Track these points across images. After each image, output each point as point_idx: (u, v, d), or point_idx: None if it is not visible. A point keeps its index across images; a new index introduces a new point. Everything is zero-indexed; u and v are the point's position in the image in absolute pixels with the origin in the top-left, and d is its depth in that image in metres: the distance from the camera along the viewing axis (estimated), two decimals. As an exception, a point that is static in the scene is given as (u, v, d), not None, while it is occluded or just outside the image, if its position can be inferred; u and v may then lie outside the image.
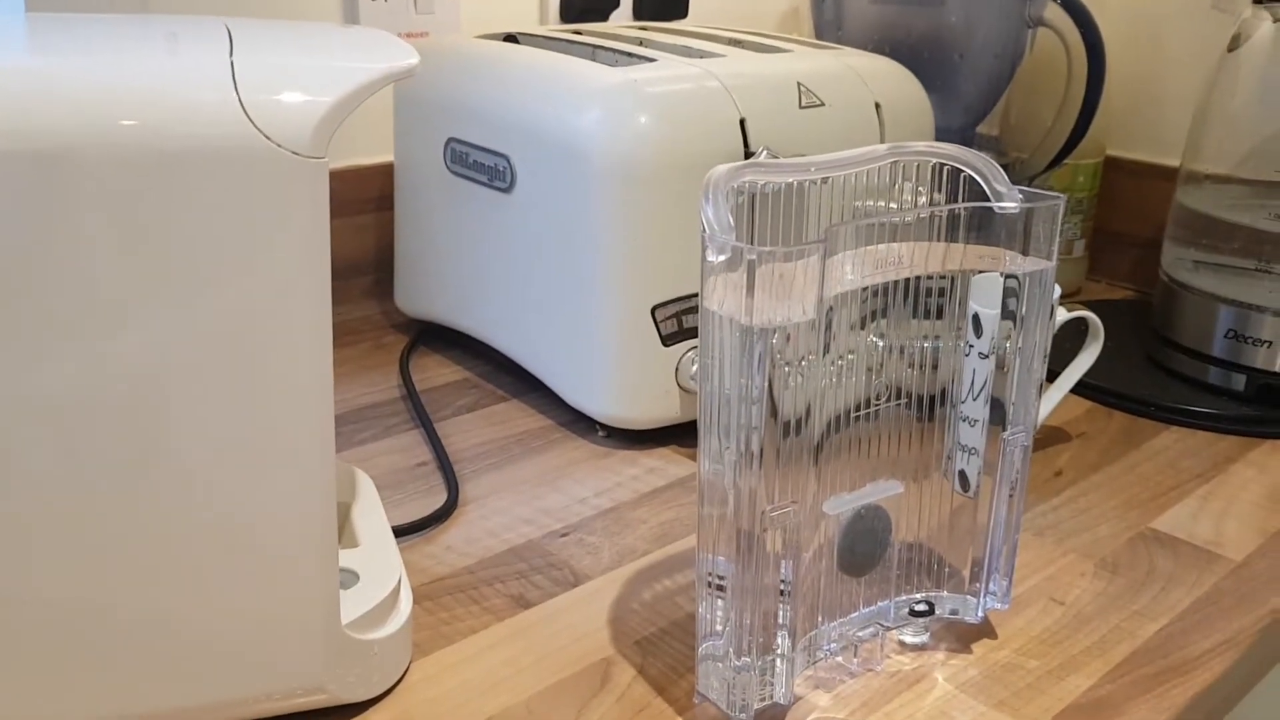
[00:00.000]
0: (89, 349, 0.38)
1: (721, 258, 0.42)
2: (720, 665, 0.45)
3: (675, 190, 0.66)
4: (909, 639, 0.52)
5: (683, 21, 1.03)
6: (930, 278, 0.49)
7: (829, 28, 0.97)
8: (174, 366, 0.39)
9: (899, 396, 0.49)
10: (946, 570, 0.52)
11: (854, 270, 0.46)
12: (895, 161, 0.50)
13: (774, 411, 0.43)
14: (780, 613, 0.45)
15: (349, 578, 0.48)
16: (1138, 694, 0.50)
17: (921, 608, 0.52)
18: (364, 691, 0.46)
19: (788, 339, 0.42)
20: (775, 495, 0.43)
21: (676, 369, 0.68)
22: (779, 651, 0.45)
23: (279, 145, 0.39)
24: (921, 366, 0.50)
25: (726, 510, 0.44)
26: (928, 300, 0.50)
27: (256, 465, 0.41)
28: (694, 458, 0.69)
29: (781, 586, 0.44)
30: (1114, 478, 0.69)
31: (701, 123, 0.67)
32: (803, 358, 0.43)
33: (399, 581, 0.49)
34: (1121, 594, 0.57)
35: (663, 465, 0.68)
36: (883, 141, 0.74)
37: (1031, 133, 0.94)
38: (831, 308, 0.45)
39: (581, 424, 0.72)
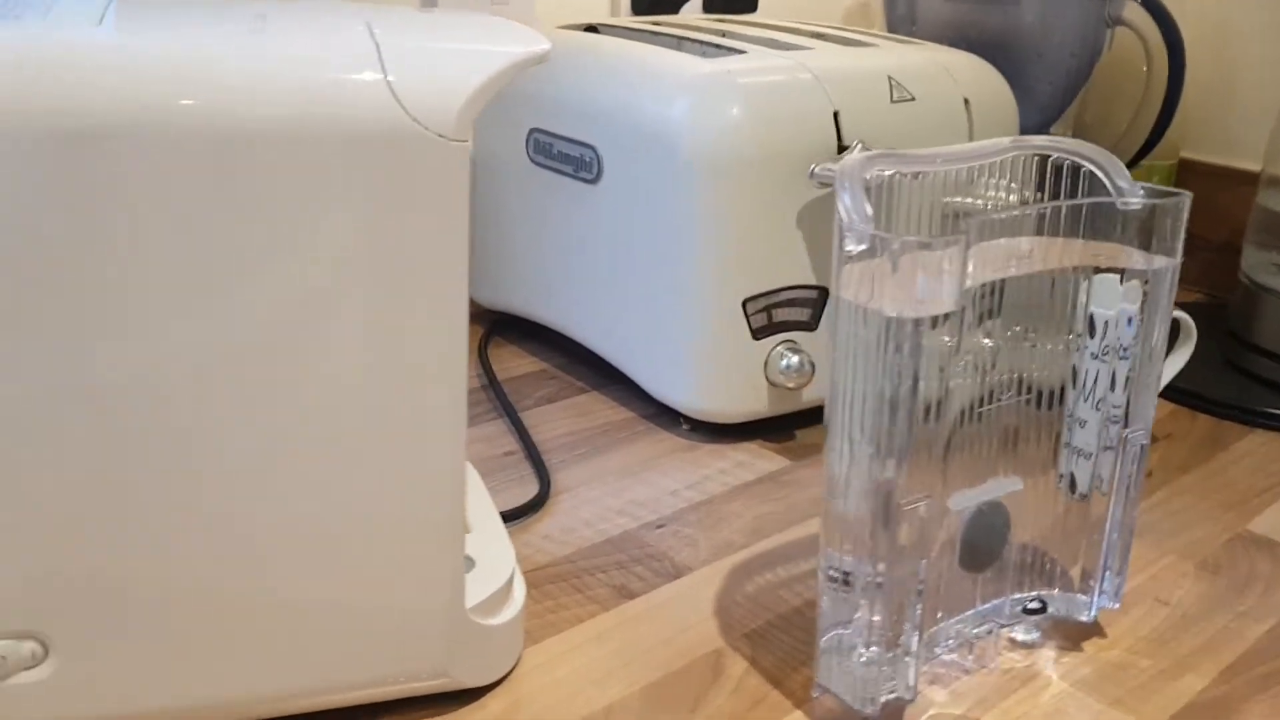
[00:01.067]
0: (221, 330, 0.38)
1: (860, 247, 0.41)
2: (846, 659, 0.45)
3: (768, 183, 0.66)
4: (1020, 636, 0.52)
5: (754, 15, 1.03)
6: (1051, 274, 0.49)
7: (902, 24, 0.96)
8: (311, 348, 0.39)
9: (1019, 393, 0.49)
10: (1059, 568, 0.52)
11: (978, 264, 0.46)
12: (1016, 155, 0.50)
13: (911, 405, 0.42)
14: (908, 607, 0.44)
15: (466, 563, 0.48)
16: (1253, 694, 0.49)
17: (1034, 605, 0.51)
18: (482, 677, 0.46)
19: (927, 331, 0.42)
20: (908, 490, 0.43)
21: (766, 363, 0.68)
22: (905, 646, 0.45)
23: (425, 127, 0.39)
24: (1040, 365, 0.50)
25: (858, 504, 0.43)
26: (1047, 297, 0.49)
27: (390, 449, 0.41)
28: (781, 453, 0.69)
29: (911, 582, 0.44)
30: (1204, 480, 0.68)
31: (795, 115, 0.67)
32: (940, 350, 0.43)
33: (514, 567, 0.49)
34: (1225, 595, 0.56)
35: (750, 460, 0.68)
36: (971, 137, 0.74)
37: (1106, 134, 0.93)
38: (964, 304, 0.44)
39: (664, 416, 0.72)
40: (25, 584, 0.38)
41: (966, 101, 0.74)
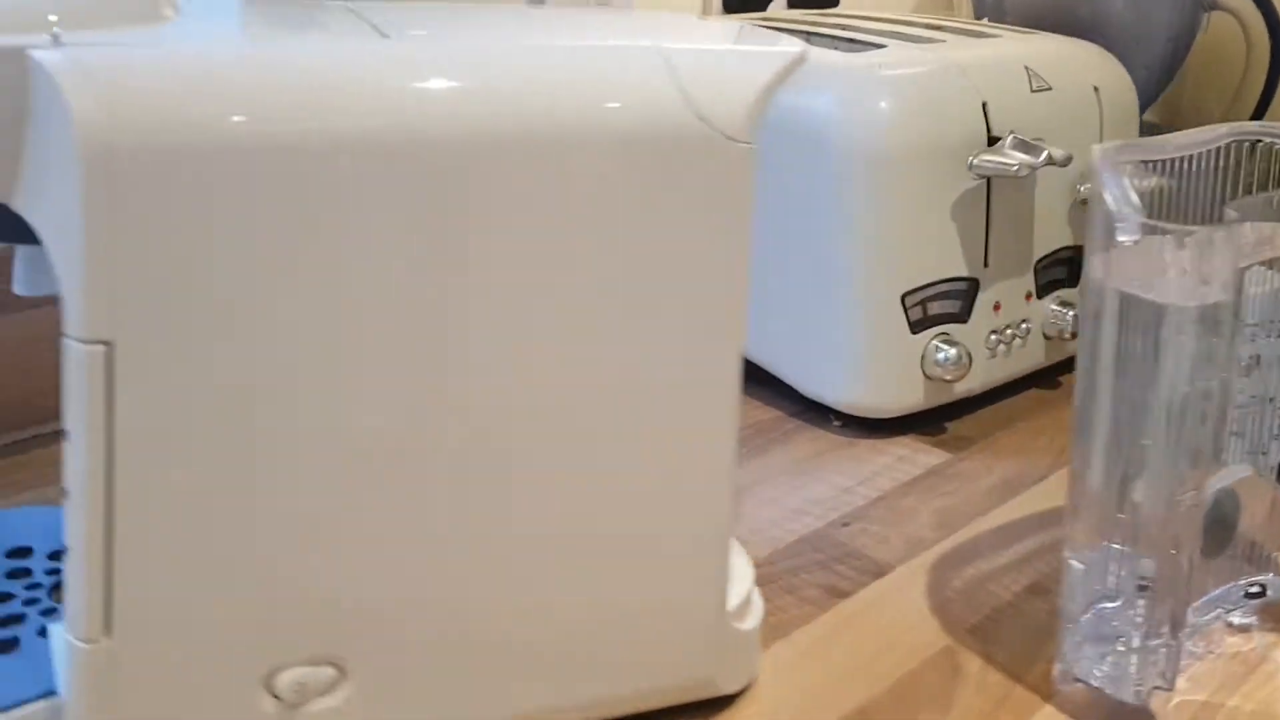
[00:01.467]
0: (527, 341, 0.38)
1: (1133, 237, 0.41)
2: (1103, 650, 0.45)
3: (921, 175, 0.66)
4: (1237, 620, 0.52)
5: (841, 9, 1.02)
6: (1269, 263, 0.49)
7: (991, 13, 0.96)
8: (603, 354, 0.39)
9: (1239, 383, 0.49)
10: (1271, 553, 0.52)
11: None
12: (1236, 141, 0.50)
13: (1192, 395, 0.42)
14: (1173, 597, 0.44)
15: (710, 569, 0.47)
16: None
17: (1255, 590, 0.52)
18: (738, 683, 0.46)
19: (1205, 318, 0.42)
20: (1179, 480, 0.43)
21: (923, 356, 0.68)
22: (1167, 635, 0.45)
23: (715, 129, 0.38)
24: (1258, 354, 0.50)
25: (1126, 495, 0.43)
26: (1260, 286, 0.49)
27: (676, 452, 0.41)
28: (938, 446, 0.68)
29: (1176, 571, 0.44)
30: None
31: (943, 107, 0.67)
32: (1210, 339, 0.43)
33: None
34: None
35: (911, 454, 0.67)
36: (1102, 125, 0.74)
37: (1201, 119, 0.94)
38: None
39: (811, 413, 0.71)
40: (325, 609, 0.37)
41: (1096, 89, 0.74)
